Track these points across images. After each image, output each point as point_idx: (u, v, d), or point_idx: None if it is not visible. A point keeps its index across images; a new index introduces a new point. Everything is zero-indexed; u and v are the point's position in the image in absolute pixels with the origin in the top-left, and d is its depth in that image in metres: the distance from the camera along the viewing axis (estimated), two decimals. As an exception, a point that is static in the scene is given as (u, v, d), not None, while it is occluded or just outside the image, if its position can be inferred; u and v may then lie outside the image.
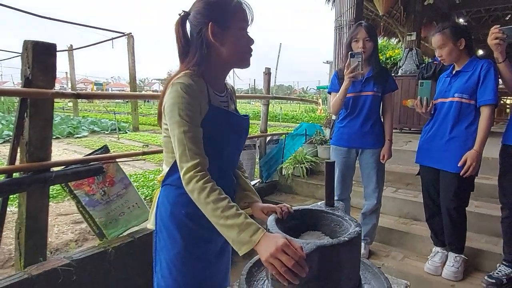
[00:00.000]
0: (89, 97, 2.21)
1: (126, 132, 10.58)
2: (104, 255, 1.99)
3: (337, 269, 0.90)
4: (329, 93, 2.58)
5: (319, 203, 1.27)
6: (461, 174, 2.10)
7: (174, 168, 1.14)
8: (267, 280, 1.05)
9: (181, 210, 1.17)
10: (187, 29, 1.15)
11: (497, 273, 2.15)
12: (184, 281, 1.20)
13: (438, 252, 2.39)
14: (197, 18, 1.11)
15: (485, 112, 2.08)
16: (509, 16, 9.97)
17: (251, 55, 1.19)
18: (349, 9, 3.90)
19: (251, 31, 1.19)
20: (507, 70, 2.01)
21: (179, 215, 1.17)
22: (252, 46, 1.18)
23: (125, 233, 2.25)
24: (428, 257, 2.43)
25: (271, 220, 1.05)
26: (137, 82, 10.96)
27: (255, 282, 1.11)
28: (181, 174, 1.02)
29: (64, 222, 2.89)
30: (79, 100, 17.66)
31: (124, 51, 10.25)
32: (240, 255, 0.96)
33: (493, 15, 9.97)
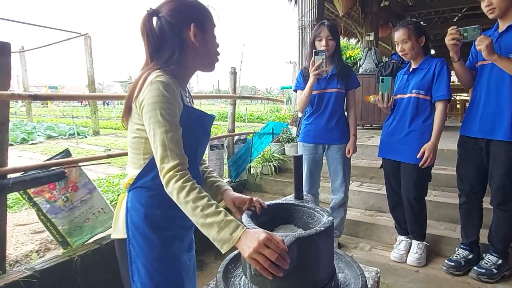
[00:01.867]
0: (48, 98, 2.10)
1: (86, 137, 10.14)
2: (69, 264, 1.90)
3: (315, 259, 0.93)
4: (295, 91, 2.63)
5: (288, 197, 1.30)
6: (420, 165, 2.22)
7: (146, 170, 1.12)
8: (244, 276, 1.06)
9: (156, 211, 1.14)
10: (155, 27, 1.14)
11: (455, 257, 2.30)
12: (165, 282, 1.17)
13: (402, 240, 2.51)
14: (176, 17, 1.10)
15: (439, 107, 2.22)
16: (456, 18, 10.66)
17: (218, 59, 1.21)
18: (311, 9, 3.99)
19: (218, 31, 1.22)
20: (462, 68, 2.15)
21: (154, 216, 1.14)
22: (219, 50, 1.21)
23: (90, 240, 2.16)
24: (394, 246, 2.55)
25: (245, 217, 1.06)
26: (96, 84, 10.50)
27: (232, 279, 1.12)
28: (161, 174, 1.00)
29: (23, 233, 2.72)
30: (33, 105, 16.71)
31: (81, 52, 9.85)
32: (222, 253, 0.96)
33: (442, 17, 10.63)
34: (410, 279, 2.30)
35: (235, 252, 1.18)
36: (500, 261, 2.15)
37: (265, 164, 3.79)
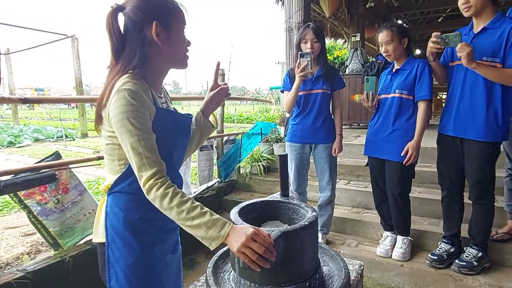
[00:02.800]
0: (38, 101, 2.11)
1: (74, 139, 10.05)
2: (61, 265, 1.92)
3: (300, 252, 0.98)
4: (282, 91, 2.69)
5: (274, 194, 1.36)
6: (404, 162, 2.30)
7: (123, 176, 1.11)
8: (233, 271, 1.10)
9: (134, 215, 1.13)
10: (120, 24, 1.10)
11: (438, 251, 2.38)
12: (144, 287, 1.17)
13: (388, 236, 2.59)
14: (138, 15, 1.06)
15: (421, 106, 2.30)
16: (441, 18, 10.88)
17: (188, 56, 1.19)
18: (298, 11, 4.06)
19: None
20: (437, 67, 2.25)
21: (133, 220, 1.13)
22: (188, 48, 1.18)
23: (82, 241, 2.18)
24: (379, 241, 2.63)
25: (234, 213, 1.10)
26: (83, 86, 10.38)
27: (221, 274, 1.16)
28: (141, 183, 1.00)
29: (13, 235, 2.72)
30: (19, 107, 16.44)
31: (68, 54, 9.75)
32: (211, 249, 0.99)
33: (427, 17, 10.85)
34: (395, 273, 2.38)
35: (225, 248, 1.23)
36: (480, 254, 2.24)
37: (254, 164, 3.84)
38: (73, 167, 2.16)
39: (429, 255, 2.39)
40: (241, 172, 3.90)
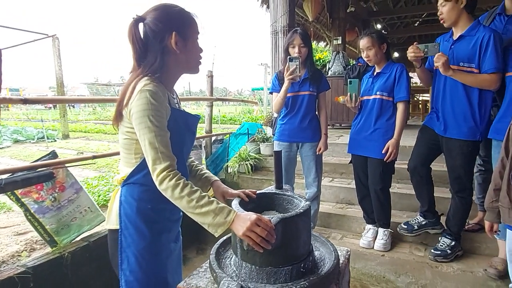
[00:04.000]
0: (37, 102, 2.16)
1: (55, 140, 9.86)
2: (60, 260, 1.98)
3: (296, 236, 1.11)
4: (271, 93, 2.82)
5: (270, 187, 1.48)
6: (384, 159, 2.46)
7: (138, 168, 1.23)
8: (233, 257, 1.22)
9: (147, 205, 1.25)
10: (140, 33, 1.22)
11: (411, 221, 2.58)
12: (152, 271, 1.29)
13: (370, 229, 2.75)
14: (159, 26, 1.18)
15: (400, 107, 2.48)
16: (418, 22, 11.31)
17: (201, 63, 1.32)
18: (283, 15, 4.20)
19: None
20: (423, 73, 2.43)
21: (145, 209, 1.25)
22: (201, 54, 1.31)
23: (78, 238, 2.23)
24: (362, 234, 2.79)
25: (235, 204, 1.22)
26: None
27: (223, 260, 1.27)
28: (154, 175, 1.11)
29: (6, 235, 2.73)
30: (-6, 108, 15.92)
31: (48, 54, 9.57)
32: (216, 236, 1.11)
33: (404, 21, 11.26)
34: (377, 262, 2.55)
35: (225, 237, 1.34)
36: (453, 243, 2.42)
37: (242, 163, 3.96)
38: (69, 166, 2.22)
39: (402, 224, 2.60)
40: (229, 171, 4.00)
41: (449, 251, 2.41)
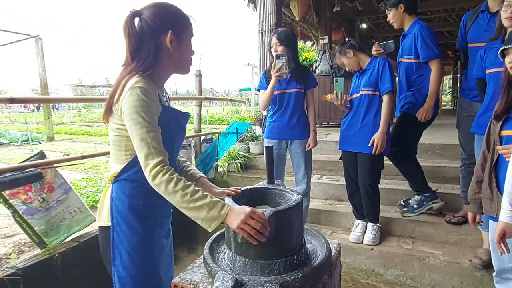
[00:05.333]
0: (25, 101, 2.13)
1: (40, 143, 9.68)
2: (50, 261, 1.96)
3: (289, 228, 1.13)
4: (258, 90, 2.84)
5: (261, 182, 1.50)
6: (372, 152, 2.51)
7: (129, 165, 1.23)
8: (227, 251, 1.23)
9: (138, 200, 1.26)
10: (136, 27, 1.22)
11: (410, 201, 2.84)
12: (146, 266, 1.30)
13: (359, 224, 2.80)
14: (156, 22, 1.19)
15: (385, 99, 2.53)
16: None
17: (192, 64, 1.33)
18: (270, 14, 4.23)
19: None
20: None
21: (137, 205, 1.26)
22: (192, 57, 1.32)
23: (68, 239, 2.21)
24: (351, 229, 2.84)
25: (228, 199, 1.23)
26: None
27: (217, 254, 1.29)
28: (147, 170, 1.11)
29: (-7, 238, 2.69)
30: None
31: (31, 55, 9.38)
32: (210, 231, 1.12)
33: (389, 21, 11.37)
34: (366, 256, 2.60)
35: (217, 233, 1.36)
36: (419, 197, 2.76)
37: (231, 162, 3.97)
38: (57, 166, 2.19)
39: (401, 207, 2.88)
40: (218, 170, 4.01)
41: (415, 206, 2.73)
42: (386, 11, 2.68)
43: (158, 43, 1.21)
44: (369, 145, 2.52)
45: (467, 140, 2.48)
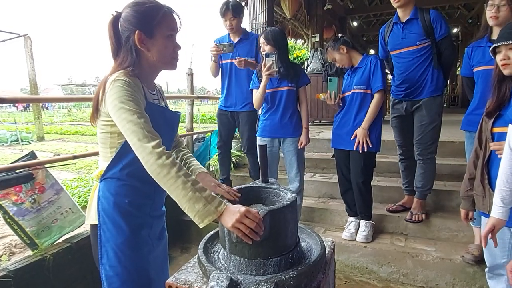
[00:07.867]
0: (15, 101, 2.09)
1: (30, 143, 9.56)
2: (42, 263, 1.93)
3: (284, 227, 1.12)
4: (251, 90, 2.84)
5: (256, 181, 1.49)
6: (354, 148, 2.54)
7: (113, 162, 1.23)
8: (222, 250, 1.23)
9: (124, 199, 1.25)
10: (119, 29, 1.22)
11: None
12: (132, 266, 1.28)
13: (352, 221, 2.82)
14: (125, 24, 1.19)
15: (376, 96, 2.54)
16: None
17: (178, 59, 1.29)
18: (262, 12, 4.22)
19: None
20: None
21: (123, 204, 1.25)
22: (179, 51, 1.29)
23: (60, 240, 2.18)
24: (345, 226, 2.85)
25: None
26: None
27: (211, 254, 1.28)
28: (147, 151, 1.04)
29: (-18, 240, 2.65)
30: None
31: (19, 54, 9.23)
32: (201, 227, 1.08)
33: (380, 19, 11.48)
34: (360, 254, 2.61)
35: (211, 232, 1.35)
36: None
37: (224, 160, 3.95)
38: (49, 167, 2.17)
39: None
40: (211, 169, 3.99)
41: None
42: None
43: (131, 45, 1.20)
44: (351, 138, 2.56)
45: (402, 138, 2.79)
